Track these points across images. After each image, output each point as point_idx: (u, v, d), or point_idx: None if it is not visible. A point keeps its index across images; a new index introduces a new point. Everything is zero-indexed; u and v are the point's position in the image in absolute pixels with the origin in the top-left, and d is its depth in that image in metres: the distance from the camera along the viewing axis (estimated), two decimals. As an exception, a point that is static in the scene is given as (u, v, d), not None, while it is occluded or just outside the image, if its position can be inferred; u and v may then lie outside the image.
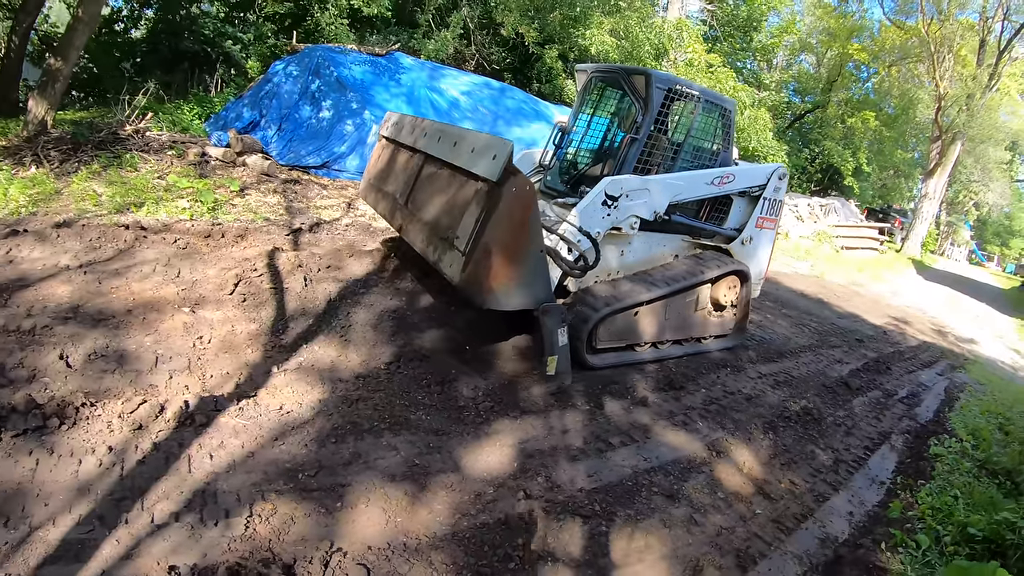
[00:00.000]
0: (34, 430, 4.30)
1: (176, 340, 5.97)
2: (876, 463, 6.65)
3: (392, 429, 5.18)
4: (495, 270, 5.12)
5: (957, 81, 33.49)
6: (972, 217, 61.37)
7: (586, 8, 21.24)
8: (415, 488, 4.49)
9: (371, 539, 3.94)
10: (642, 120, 7.61)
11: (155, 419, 4.67)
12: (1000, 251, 71.49)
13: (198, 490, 4.11)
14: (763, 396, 7.69)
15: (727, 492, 5.32)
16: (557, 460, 5.19)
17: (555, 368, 5.97)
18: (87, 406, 4.59)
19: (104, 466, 4.16)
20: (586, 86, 8.87)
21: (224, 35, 18.72)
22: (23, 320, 5.78)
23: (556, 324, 5.83)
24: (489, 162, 5.19)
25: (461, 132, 6.22)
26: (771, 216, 9.10)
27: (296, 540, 3.84)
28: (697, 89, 7.91)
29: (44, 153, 10.43)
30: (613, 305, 7.00)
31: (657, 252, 8.11)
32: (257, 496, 4.13)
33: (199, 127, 14.60)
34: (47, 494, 3.83)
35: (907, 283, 26.39)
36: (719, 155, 8.49)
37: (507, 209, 5.08)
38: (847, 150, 38.29)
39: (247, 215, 10.20)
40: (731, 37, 32.77)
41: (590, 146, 9.23)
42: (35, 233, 7.75)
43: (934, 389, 10.07)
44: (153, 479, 4.13)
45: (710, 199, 8.52)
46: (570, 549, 4.19)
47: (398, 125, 7.84)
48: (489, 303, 5.21)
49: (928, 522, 5.37)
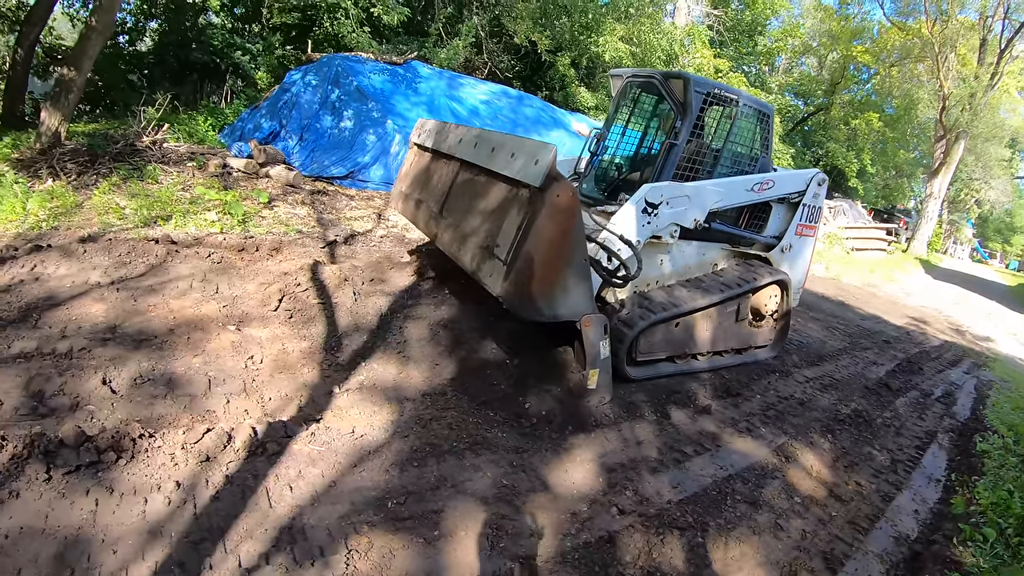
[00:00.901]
0: (88, 466, 3.88)
1: (226, 361, 5.60)
2: (929, 461, 6.78)
3: (472, 449, 4.93)
4: (537, 280, 4.88)
5: (959, 80, 33.39)
6: (974, 215, 61.56)
7: (598, 15, 21.03)
8: (510, 510, 4.30)
9: (475, 568, 3.74)
10: (681, 125, 7.40)
11: (223, 449, 4.26)
12: (1002, 248, 71.82)
13: (284, 526, 3.75)
14: (814, 400, 7.79)
15: (802, 496, 5.39)
16: (639, 473, 5.14)
17: (596, 382, 5.74)
18: (145, 437, 4.15)
19: (174, 504, 3.76)
20: (622, 92, 8.65)
21: (233, 46, 18.45)
22: (58, 342, 5.42)
23: (598, 336, 5.58)
24: (531, 167, 4.96)
25: (500, 137, 5.92)
26: (811, 223, 8.86)
27: (402, 575, 3.57)
28: (736, 93, 7.69)
29: (60, 166, 10.07)
30: (654, 316, 6.76)
31: (697, 261, 7.87)
32: (349, 530, 3.81)
33: (214, 138, 14.26)
34: (113, 539, 3.43)
35: (918, 283, 26.65)
36: (758, 161, 8.27)
37: (550, 216, 4.83)
38: (851, 152, 38.24)
39: (279, 227, 9.86)
40: (736, 42, 32.70)
41: (626, 152, 9.06)
42: (60, 248, 7.39)
43: (965, 387, 10.25)
44: (232, 516, 3.75)
45: (749, 206, 8.24)
46: (674, 562, 4.16)
47: (431, 132, 7.56)
48: (531, 315, 4.99)
49: (990, 516, 5.51)
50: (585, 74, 23.24)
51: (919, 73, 37.92)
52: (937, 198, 36.40)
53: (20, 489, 3.61)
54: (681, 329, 7.21)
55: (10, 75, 14.49)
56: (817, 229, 9.11)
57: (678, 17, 27.03)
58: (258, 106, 15.45)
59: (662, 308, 6.88)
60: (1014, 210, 65.83)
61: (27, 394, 4.63)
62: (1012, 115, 39.87)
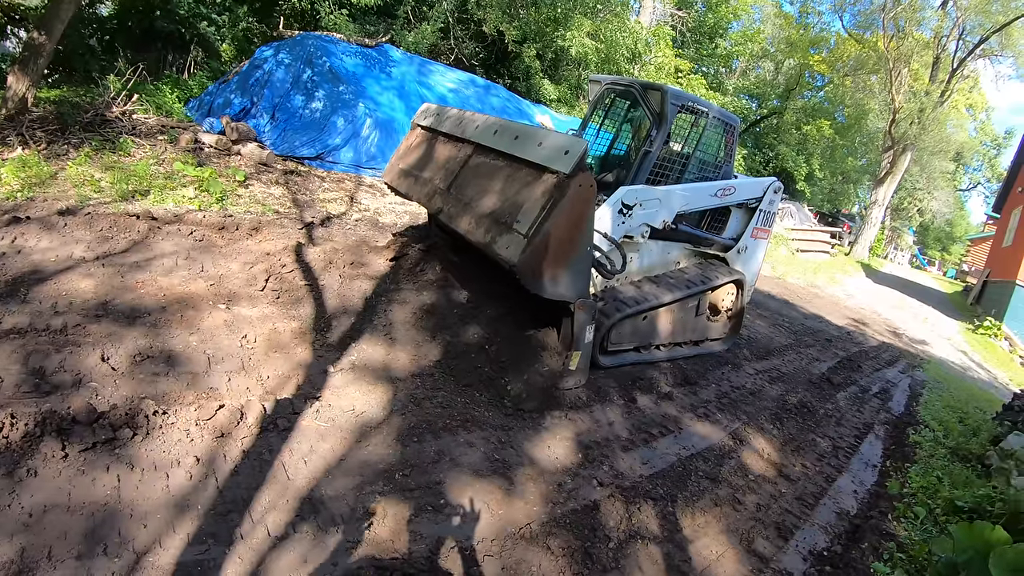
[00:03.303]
0: (104, 443, 3.96)
1: (222, 339, 5.70)
2: (867, 449, 7.44)
3: (464, 427, 5.24)
4: (551, 257, 5.23)
5: (911, 95, 34.39)
6: (916, 223, 63.56)
7: (567, 9, 21.17)
8: (504, 482, 4.68)
9: (484, 532, 4.08)
10: (656, 134, 7.91)
11: (237, 425, 4.41)
12: (940, 256, 74.15)
13: (304, 497, 3.96)
14: (764, 391, 8.41)
15: (755, 474, 5.93)
16: (613, 450, 5.59)
17: (576, 363, 6.12)
18: (159, 414, 4.25)
19: (196, 478, 3.90)
20: (599, 97, 9.10)
21: (199, 16, 18.05)
22: (51, 318, 5.42)
23: (587, 321, 5.96)
24: (562, 156, 5.26)
25: (524, 128, 6.24)
26: (765, 227, 9.55)
27: (417, 539, 3.83)
28: (707, 106, 8.26)
29: (30, 134, 9.88)
30: (628, 309, 7.21)
31: (662, 259, 8.36)
32: (365, 499, 4.06)
33: (180, 111, 14.02)
34: (142, 513, 3.54)
35: (859, 285, 27.53)
36: (721, 168, 8.82)
37: (572, 201, 5.19)
38: (800, 156, 39.16)
39: (256, 207, 9.85)
40: (697, 43, 33.15)
41: (596, 153, 9.58)
42: (39, 221, 7.32)
43: (900, 385, 11.04)
44: (253, 489, 3.92)
45: (711, 209, 8.81)
46: (651, 528, 4.63)
47: (440, 116, 7.77)
48: (536, 287, 5.29)
49: (920, 497, 6.19)
50: (549, 66, 23.39)
51: (872, 85, 38.91)
52: (881, 205, 37.47)
53: (37, 467, 3.67)
54: (647, 322, 7.69)
55: (-33, 36, 14.04)
56: (770, 233, 9.80)
57: (643, 15, 27.30)
58: (227, 81, 15.18)
59: (635, 302, 7.35)
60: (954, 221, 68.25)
61: (27, 371, 4.64)
62: (959, 131, 41.41)
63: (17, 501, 3.43)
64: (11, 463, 3.65)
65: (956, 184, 54.65)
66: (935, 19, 32.92)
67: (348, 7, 19.27)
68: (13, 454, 3.70)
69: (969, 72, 34.44)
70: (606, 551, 4.22)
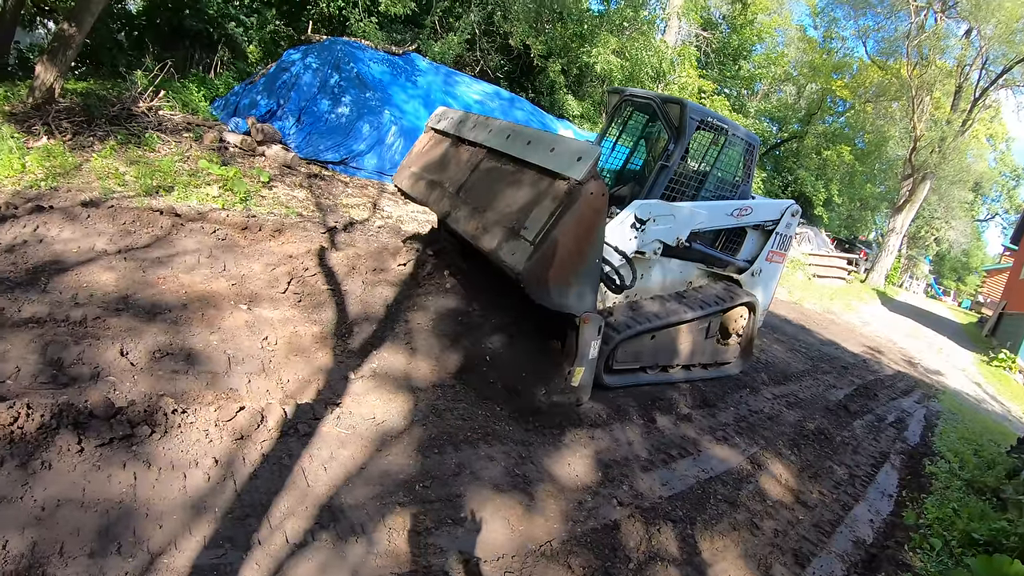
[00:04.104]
0: (122, 439, 3.89)
1: (242, 340, 5.65)
2: (883, 478, 7.41)
3: (485, 440, 5.20)
4: (557, 266, 5.09)
5: (932, 123, 34.23)
6: (932, 252, 63.22)
7: (593, 26, 21.18)
8: (525, 498, 4.64)
9: (503, 547, 4.05)
10: (673, 148, 7.70)
11: (257, 428, 4.34)
12: (956, 286, 73.63)
13: (323, 505, 3.90)
14: (782, 416, 8.37)
15: (773, 500, 5.91)
16: (633, 470, 5.54)
17: (579, 380, 5.89)
18: (178, 412, 4.18)
19: (214, 480, 3.83)
20: (617, 109, 8.96)
21: (227, 16, 18.11)
22: (71, 309, 5.39)
23: (592, 336, 5.78)
24: (574, 163, 5.14)
25: (538, 133, 6.19)
26: (781, 250, 9.25)
27: (437, 551, 3.78)
28: (727, 123, 8.03)
29: (56, 123, 9.91)
30: (638, 327, 7.04)
31: (674, 278, 8.15)
32: (385, 509, 4.01)
33: (206, 109, 14.06)
34: (158, 513, 3.47)
35: (874, 313, 27.31)
36: (739, 188, 8.61)
37: (583, 210, 5.06)
38: (819, 181, 39.01)
39: (279, 208, 9.84)
40: (721, 64, 33.14)
41: (612, 166, 9.34)
42: (62, 211, 7.30)
43: (915, 415, 10.94)
44: (272, 494, 3.86)
45: (727, 230, 8.59)
46: (670, 550, 4.59)
47: (453, 119, 7.70)
48: (541, 297, 5.15)
49: (936, 529, 6.13)
50: (573, 81, 23.40)
51: (893, 111, 38.81)
52: (899, 233, 37.24)
53: (52, 460, 3.61)
54: (655, 341, 7.47)
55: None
56: (786, 257, 9.51)
57: (668, 34, 27.32)
58: (254, 82, 15.22)
59: (645, 319, 7.17)
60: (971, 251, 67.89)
61: (45, 361, 4.61)
62: (978, 161, 41.18)
63: (30, 494, 3.37)
64: (25, 454, 3.58)
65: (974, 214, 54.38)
66: (959, 48, 32.75)
67: (377, 15, 19.34)
68: (28, 445, 3.63)
69: (991, 102, 34.17)
70: (626, 572, 4.17)
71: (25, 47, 16.54)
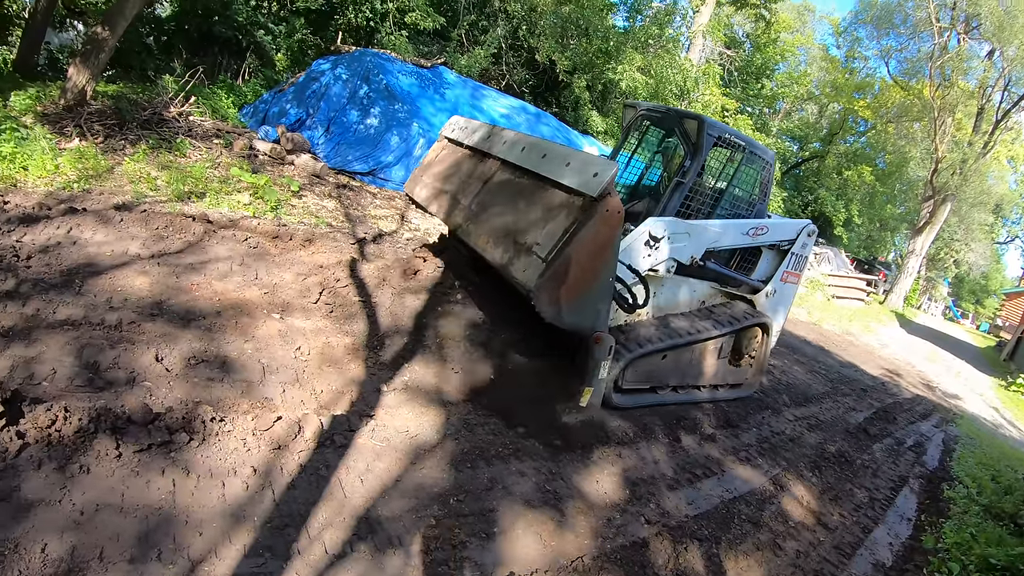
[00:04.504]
0: (160, 445, 3.92)
1: (276, 349, 5.66)
2: (902, 502, 7.43)
3: (516, 456, 5.25)
4: (570, 284, 4.97)
5: (953, 144, 34.06)
6: (951, 274, 62.70)
7: (619, 42, 21.24)
8: (556, 514, 4.69)
9: (536, 562, 4.10)
10: (690, 165, 7.61)
11: (294, 438, 4.37)
12: (974, 309, 72.98)
13: (361, 516, 3.93)
14: (803, 438, 8.41)
15: (795, 521, 5.95)
16: (659, 488, 5.62)
17: (588, 400, 5.75)
18: (216, 420, 4.21)
19: (252, 489, 3.85)
20: (633, 123, 8.84)
21: (256, 24, 18.29)
22: (106, 313, 5.42)
23: (603, 356, 5.62)
24: (589, 178, 5.02)
25: (553, 146, 6.02)
26: (796, 271, 9.09)
27: (471, 565, 3.82)
28: (744, 139, 7.92)
29: (87, 125, 10.00)
30: (649, 346, 6.89)
31: (687, 297, 8.00)
32: (420, 522, 4.04)
33: (235, 116, 14.19)
34: (197, 521, 3.49)
35: (893, 335, 27.22)
36: (755, 206, 8.47)
37: (597, 227, 4.95)
38: (840, 201, 38.87)
39: (309, 218, 9.88)
40: (744, 83, 33.14)
41: (627, 182, 9.26)
42: (95, 213, 7.36)
43: (934, 440, 10.97)
44: (310, 504, 3.88)
45: (742, 249, 8.43)
46: (697, 568, 4.67)
47: (467, 130, 7.62)
48: (551, 315, 5.00)
49: (954, 553, 6.20)
50: (598, 97, 23.43)
51: (915, 132, 38.67)
52: (918, 255, 37.05)
53: (90, 464, 3.64)
54: (667, 362, 7.34)
55: (29, 24, 14.28)
56: (801, 277, 9.34)
57: (693, 52, 27.35)
58: (283, 90, 15.36)
59: (656, 339, 7.03)
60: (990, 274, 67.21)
61: (80, 364, 4.63)
62: (999, 183, 40.86)
63: (68, 497, 3.39)
64: (63, 458, 3.61)
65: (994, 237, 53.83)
66: (981, 69, 32.76)
67: (405, 27, 19.46)
68: (65, 449, 3.67)
69: (1013, 123, 33.95)
70: (658, 589, 4.21)
71: (55, 48, 16.76)
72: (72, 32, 17.86)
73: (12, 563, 2.94)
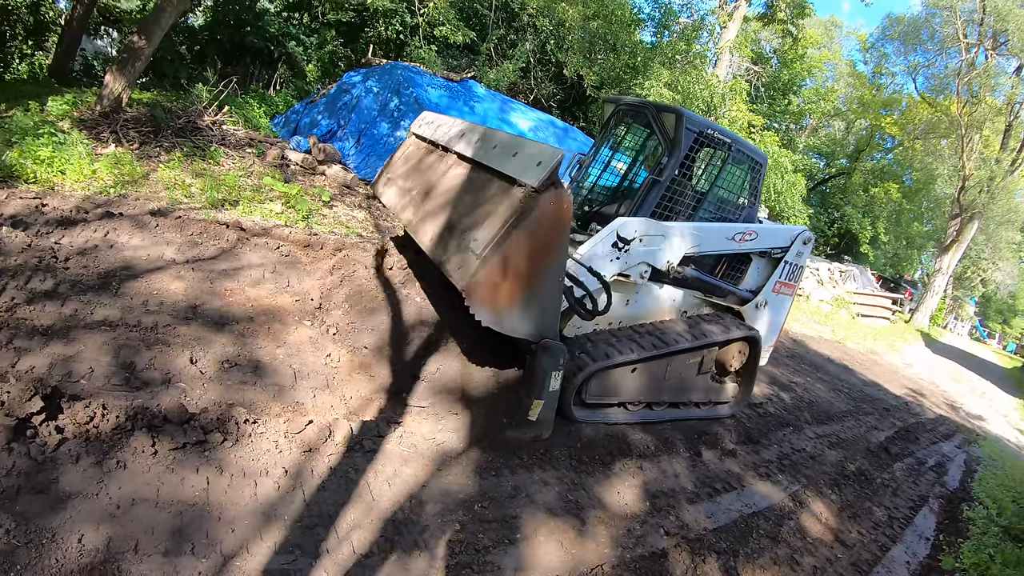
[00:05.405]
0: (195, 444, 4.07)
1: (307, 355, 5.80)
2: (921, 521, 7.37)
3: (539, 465, 5.32)
4: (507, 284, 4.52)
5: (980, 161, 33.71)
6: (978, 293, 61.86)
7: (646, 58, 21.32)
8: (577, 522, 4.76)
9: (557, 568, 4.18)
10: (667, 162, 6.97)
11: (325, 442, 4.51)
12: (1001, 329, 71.78)
13: (388, 519, 4.04)
14: (823, 455, 8.35)
15: (813, 537, 5.96)
16: (679, 501, 5.65)
17: (537, 414, 5.26)
18: (249, 422, 4.35)
19: (283, 489, 3.98)
20: (612, 119, 8.21)
21: (288, 35, 18.60)
22: (142, 315, 5.59)
23: (552, 366, 5.13)
24: (533, 168, 4.63)
25: (505, 136, 5.63)
26: (790, 281, 8.34)
27: (495, 570, 3.91)
28: (730, 137, 7.34)
29: (123, 132, 10.22)
30: (612, 359, 6.25)
31: (664, 306, 7.35)
32: (446, 526, 4.14)
33: (266, 126, 14.42)
34: (230, 518, 3.62)
35: (918, 355, 26.86)
36: (744, 210, 7.87)
37: (539, 221, 4.49)
38: (866, 218, 38.58)
39: (339, 228, 10.02)
40: (771, 98, 33.06)
41: (608, 183, 8.58)
42: (131, 218, 7.56)
43: (956, 460, 10.82)
44: (339, 505, 4.00)
45: (728, 256, 7.78)
46: None
47: (432, 124, 7.26)
48: (489, 319, 4.57)
49: (971, 574, 6.25)
50: (608, 100, 23.46)
51: (942, 149, 38.34)
52: (945, 274, 36.58)
53: (126, 460, 3.78)
54: (637, 375, 6.74)
55: (64, 30, 14.61)
56: (796, 288, 8.64)
57: (720, 68, 27.36)
58: (314, 101, 15.60)
59: (624, 350, 6.39)
60: (1017, 293, 66.18)
61: (117, 364, 4.79)
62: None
63: (105, 491, 3.53)
64: (100, 453, 3.76)
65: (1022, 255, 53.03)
66: (1009, 85, 32.28)
67: (434, 41, 19.67)
68: (103, 444, 3.82)
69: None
70: (674, 599, 4.28)
71: (90, 54, 17.12)
72: (106, 39, 18.28)
73: (50, 552, 3.08)
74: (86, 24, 14.91)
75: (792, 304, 8.76)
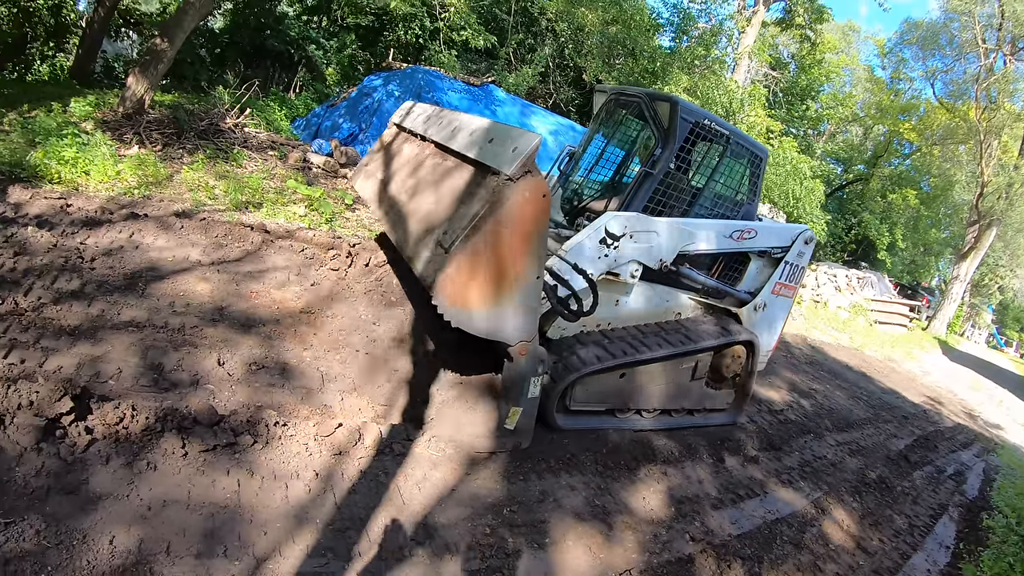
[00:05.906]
0: (225, 446, 4.08)
1: (333, 357, 5.79)
2: (941, 529, 7.40)
3: (566, 469, 5.35)
4: (478, 281, 4.18)
5: (999, 168, 33.42)
6: (995, 301, 61.35)
7: (666, 63, 21.27)
8: (604, 527, 4.79)
9: (586, 572, 4.21)
10: (660, 154, 6.52)
11: (355, 445, 4.51)
12: (1019, 336, 71.12)
13: (419, 522, 4.05)
14: (844, 463, 8.38)
15: (835, 544, 5.98)
16: (703, 507, 5.69)
17: (516, 423, 5.08)
18: (279, 425, 4.35)
19: (314, 492, 3.98)
20: (603, 109, 7.82)
21: (308, 38, 18.66)
22: (169, 316, 5.62)
23: (531, 371, 4.91)
24: (508, 154, 4.31)
25: (482, 122, 5.30)
26: (790, 283, 7.95)
27: (525, 573, 3.94)
28: (728, 129, 6.93)
29: (146, 134, 10.25)
30: (599, 363, 5.95)
31: (657, 307, 6.99)
32: (475, 530, 4.15)
33: (287, 129, 14.47)
34: (262, 520, 3.62)
35: (935, 363, 26.65)
36: (742, 207, 7.48)
37: (513, 211, 4.17)
38: (884, 225, 38.30)
39: (362, 231, 9.98)
40: (789, 104, 32.92)
41: (600, 177, 8.17)
42: (156, 219, 7.57)
43: (975, 469, 10.81)
44: (370, 508, 4.01)
45: (725, 255, 7.38)
46: None
47: (412, 113, 7.00)
48: (458, 319, 4.21)
49: None
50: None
51: (960, 155, 38.06)
52: (963, 281, 36.25)
53: (157, 462, 3.79)
54: (626, 381, 6.43)
55: (86, 32, 14.69)
56: (796, 290, 8.23)
57: (738, 73, 27.29)
58: (335, 104, 15.64)
59: (613, 354, 6.11)
60: (1035, 300, 65.66)
61: (145, 365, 4.82)
62: (1044, 206, 39.97)
63: (135, 492, 3.54)
64: (130, 454, 3.77)
65: (1041, 263, 52.67)
66: (1028, 91, 32.14)
67: (454, 45, 19.71)
68: (132, 445, 3.83)
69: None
70: (701, 603, 4.34)
71: (111, 56, 17.22)
72: (127, 41, 18.38)
73: (81, 553, 3.08)
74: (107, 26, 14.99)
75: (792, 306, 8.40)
